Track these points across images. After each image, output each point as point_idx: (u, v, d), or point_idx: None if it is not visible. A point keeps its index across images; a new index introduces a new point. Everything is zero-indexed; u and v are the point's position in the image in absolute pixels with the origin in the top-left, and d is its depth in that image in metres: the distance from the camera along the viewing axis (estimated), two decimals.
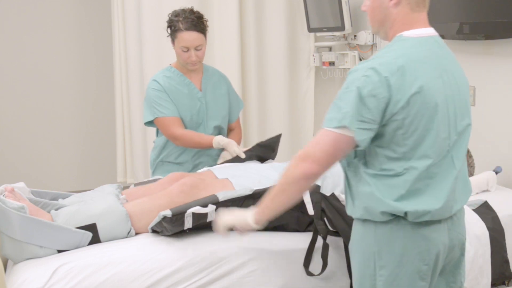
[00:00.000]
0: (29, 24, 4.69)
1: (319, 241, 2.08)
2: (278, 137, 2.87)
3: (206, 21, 2.83)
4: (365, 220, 1.66)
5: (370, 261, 1.67)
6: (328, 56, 4.04)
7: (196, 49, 2.79)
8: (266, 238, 2.12)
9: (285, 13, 4.18)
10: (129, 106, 4.16)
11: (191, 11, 2.80)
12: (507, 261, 2.28)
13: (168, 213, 2.01)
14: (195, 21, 2.75)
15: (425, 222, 1.62)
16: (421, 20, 1.70)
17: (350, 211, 1.72)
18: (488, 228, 2.23)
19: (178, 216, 2.00)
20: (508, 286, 2.31)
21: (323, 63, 4.10)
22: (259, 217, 1.75)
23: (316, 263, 2.08)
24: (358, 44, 3.82)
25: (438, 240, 1.65)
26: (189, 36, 2.76)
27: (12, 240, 1.99)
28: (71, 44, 4.80)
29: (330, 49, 4.14)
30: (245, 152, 2.74)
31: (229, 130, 3.08)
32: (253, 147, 2.82)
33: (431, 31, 1.71)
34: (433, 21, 3.05)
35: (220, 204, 2.07)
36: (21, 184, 2.23)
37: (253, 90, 4.22)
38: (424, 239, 1.63)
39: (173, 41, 2.84)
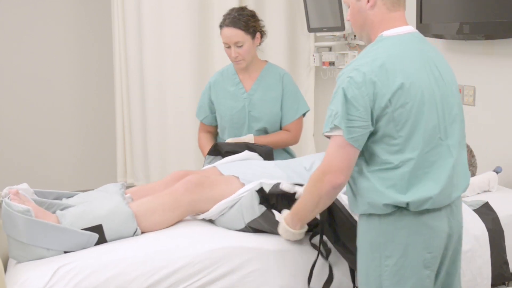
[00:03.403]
0: (29, 24, 4.68)
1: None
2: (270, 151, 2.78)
3: (254, 20, 2.80)
4: (369, 215, 1.72)
5: (375, 252, 1.73)
6: (328, 56, 4.04)
7: (236, 46, 2.76)
8: (266, 238, 2.12)
9: (285, 13, 4.18)
10: (129, 106, 4.15)
11: (239, 8, 2.81)
12: (506, 263, 2.28)
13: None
14: (236, 18, 2.75)
15: (426, 211, 1.68)
16: (398, 18, 1.77)
17: (353, 207, 1.78)
18: (488, 229, 2.24)
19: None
20: (508, 286, 2.31)
21: (323, 63, 4.10)
22: (297, 229, 2.00)
23: (316, 275, 2.06)
24: (358, 44, 3.82)
25: (440, 228, 1.71)
26: (227, 32, 2.76)
27: (18, 243, 1.98)
28: (71, 44, 4.79)
29: (330, 49, 4.13)
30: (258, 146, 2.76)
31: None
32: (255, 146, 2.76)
33: (410, 28, 1.78)
34: (433, 21, 3.07)
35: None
36: (24, 186, 2.23)
37: None
38: (427, 227, 1.69)
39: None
